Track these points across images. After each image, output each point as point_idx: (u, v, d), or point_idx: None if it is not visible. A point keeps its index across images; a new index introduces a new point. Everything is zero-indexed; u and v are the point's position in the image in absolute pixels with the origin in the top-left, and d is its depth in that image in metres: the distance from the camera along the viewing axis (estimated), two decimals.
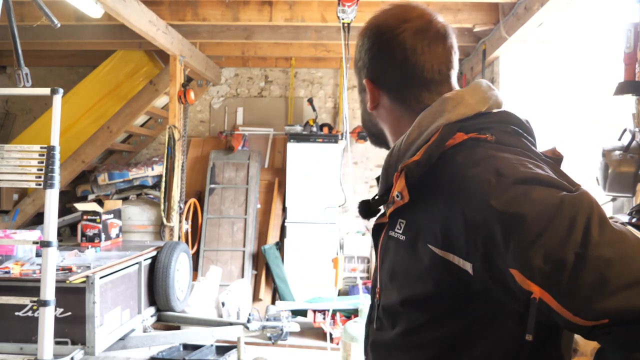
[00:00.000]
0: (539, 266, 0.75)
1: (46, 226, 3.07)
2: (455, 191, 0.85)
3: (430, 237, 0.87)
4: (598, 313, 0.72)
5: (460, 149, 0.90)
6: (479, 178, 0.83)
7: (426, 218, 0.89)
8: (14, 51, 2.61)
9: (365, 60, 1.06)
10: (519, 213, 0.78)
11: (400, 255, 0.94)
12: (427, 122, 0.94)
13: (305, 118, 6.63)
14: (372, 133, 1.15)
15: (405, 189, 0.90)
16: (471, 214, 0.82)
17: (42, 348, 2.99)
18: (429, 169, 0.90)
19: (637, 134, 2.77)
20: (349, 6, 3.35)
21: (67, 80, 6.65)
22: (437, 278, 0.87)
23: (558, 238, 0.76)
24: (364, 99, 1.10)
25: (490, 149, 0.88)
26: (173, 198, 5.30)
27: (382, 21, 1.04)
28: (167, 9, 4.77)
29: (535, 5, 3.72)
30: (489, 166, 0.84)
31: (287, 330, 4.33)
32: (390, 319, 0.98)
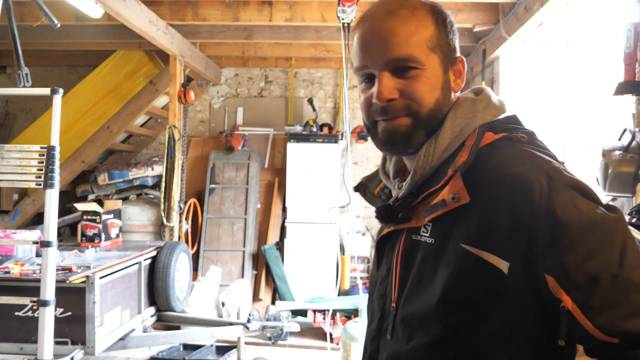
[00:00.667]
0: (575, 279, 0.79)
1: (46, 226, 3.07)
2: (501, 189, 0.84)
3: (463, 237, 0.86)
4: (617, 331, 0.77)
5: (495, 149, 0.90)
6: (529, 178, 0.83)
7: (459, 217, 0.87)
8: (14, 51, 2.61)
9: (454, 39, 0.99)
10: (568, 222, 0.80)
11: (431, 259, 0.91)
12: (460, 122, 0.94)
13: (305, 118, 6.63)
14: (435, 128, 0.96)
15: (463, 189, 0.87)
16: (519, 213, 0.82)
17: (42, 348, 2.99)
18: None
19: (637, 134, 2.77)
20: (349, 6, 3.35)
21: (67, 80, 6.65)
22: (468, 279, 0.86)
23: (598, 256, 0.79)
24: (447, 80, 0.97)
25: (529, 149, 0.89)
26: (173, 198, 5.30)
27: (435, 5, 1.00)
28: (167, 9, 4.77)
29: (535, 5, 3.72)
30: (538, 167, 0.85)
31: (287, 330, 4.33)
32: (410, 330, 0.93)
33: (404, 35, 0.92)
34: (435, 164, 0.93)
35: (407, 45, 0.92)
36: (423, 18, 0.94)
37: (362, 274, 6.27)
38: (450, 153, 0.92)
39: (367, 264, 6.35)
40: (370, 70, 0.95)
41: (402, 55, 0.92)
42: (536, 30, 4.28)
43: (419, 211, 0.94)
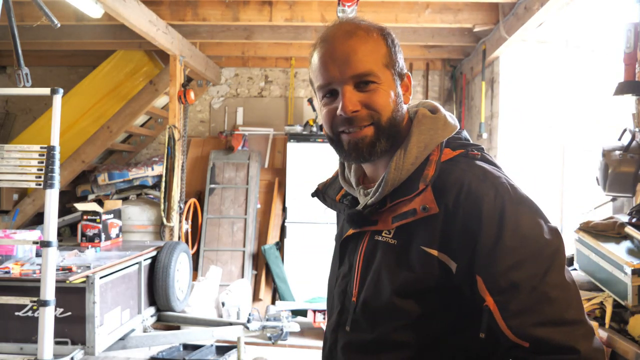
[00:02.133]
0: (499, 283, 0.92)
1: (46, 226, 3.07)
2: (457, 200, 0.97)
3: (423, 240, 0.99)
4: (527, 336, 0.90)
5: (453, 164, 1.03)
6: (480, 191, 0.96)
7: (421, 223, 0.99)
8: (14, 51, 2.62)
9: (400, 55, 1.10)
10: (506, 232, 0.93)
11: (391, 257, 1.02)
12: (424, 139, 1.05)
13: (305, 118, 6.63)
14: (398, 133, 1.08)
15: (433, 201, 0.98)
16: (469, 220, 0.95)
17: (42, 348, 2.99)
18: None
19: (637, 134, 2.77)
20: (349, 6, 3.35)
21: (67, 80, 6.65)
22: (427, 275, 0.98)
23: (524, 268, 0.92)
24: (398, 93, 1.08)
25: (482, 165, 1.03)
26: (173, 198, 5.30)
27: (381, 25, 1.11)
28: (167, 9, 4.77)
29: (535, 5, 3.72)
30: (488, 182, 0.98)
31: (287, 330, 4.34)
32: (372, 320, 1.04)
33: (364, 53, 1.03)
34: (404, 176, 1.04)
35: (367, 62, 1.03)
36: (377, 39, 1.06)
37: None
38: (417, 166, 1.04)
39: None
40: (334, 87, 1.05)
41: (363, 70, 1.03)
42: (536, 30, 4.28)
43: (385, 216, 1.05)
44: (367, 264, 1.06)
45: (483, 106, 5.17)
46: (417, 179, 1.02)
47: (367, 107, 1.04)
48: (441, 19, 4.69)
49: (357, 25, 1.06)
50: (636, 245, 2.28)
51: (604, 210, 3.24)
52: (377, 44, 1.05)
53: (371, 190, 1.09)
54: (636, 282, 2.12)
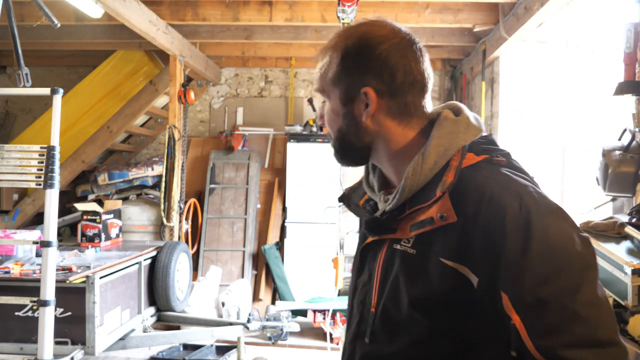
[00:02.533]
0: (527, 301, 0.85)
1: (46, 226, 3.07)
2: (478, 210, 0.90)
3: (442, 251, 0.93)
4: (556, 357, 0.84)
5: (476, 170, 0.96)
6: (503, 200, 0.89)
7: (440, 233, 0.93)
8: (14, 51, 2.62)
9: (362, 69, 1.05)
10: (532, 244, 0.86)
11: (409, 267, 0.97)
12: (444, 142, 0.98)
13: (305, 118, 6.63)
14: (353, 147, 1.07)
15: (451, 209, 0.93)
16: (491, 232, 0.88)
17: (42, 348, 2.99)
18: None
19: (637, 134, 2.77)
20: (349, 6, 3.35)
21: (67, 80, 6.65)
22: (446, 288, 0.92)
23: (553, 283, 0.85)
24: (350, 111, 1.05)
25: (507, 172, 0.96)
26: (173, 198, 5.30)
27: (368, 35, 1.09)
28: (167, 9, 4.77)
29: (535, 5, 3.72)
30: (512, 190, 0.91)
31: (287, 330, 4.34)
32: (391, 332, 0.99)
33: (319, 71, 1.09)
34: (422, 182, 0.98)
35: (321, 79, 1.08)
36: (333, 58, 1.06)
37: None
38: (436, 172, 0.98)
39: None
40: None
41: (319, 86, 1.09)
42: (536, 30, 4.28)
43: (404, 224, 1.00)
44: (385, 274, 1.02)
45: (483, 106, 5.17)
46: (436, 184, 0.96)
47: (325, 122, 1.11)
48: (441, 19, 4.69)
49: (331, 41, 1.09)
50: (636, 245, 2.28)
51: (604, 210, 3.24)
52: (331, 63, 1.06)
53: (391, 197, 1.05)
54: (636, 282, 2.12)
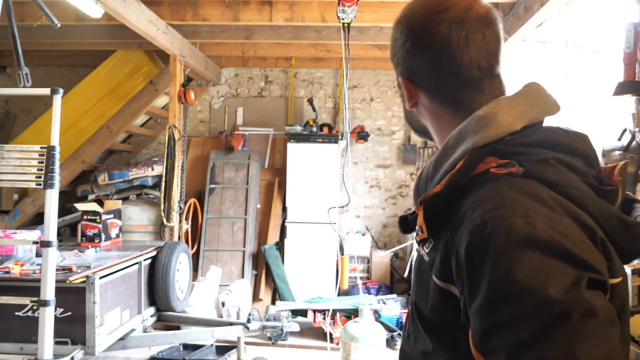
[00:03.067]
0: (481, 345, 0.71)
1: (46, 226, 3.07)
2: (457, 226, 0.78)
3: (435, 267, 0.83)
4: None
5: (477, 181, 0.81)
6: (471, 224, 0.74)
7: (437, 246, 0.84)
8: (14, 51, 2.61)
9: (400, 57, 0.96)
10: (484, 281, 0.70)
11: (422, 275, 0.89)
12: (453, 143, 0.85)
13: (305, 118, 6.63)
14: (416, 128, 1.07)
15: (423, 224, 0.83)
16: (458, 258, 0.76)
17: (42, 348, 2.99)
18: (451, 198, 0.81)
19: (637, 134, 2.77)
20: (349, 6, 3.35)
21: (67, 80, 6.65)
22: (440, 305, 0.83)
23: (508, 332, 0.67)
24: (403, 95, 1.00)
25: (506, 187, 0.77)
26: (173, 198, 5.30)
27: (414, 14, 0.93)
28: (167, 9, 4.77)
29: (535, 5, 3.72)
30: (483, 212, 0.74)
31: (287, 330, 4.34)
32: (415, 335, 0.93)
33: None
34: (430, 187, 0.87)
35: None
36: (392, 40, 1.01)
37: (362, 274, 6.27)
38: (442, 175, 0.85)
39: (367, 264, 6.35)
40: None
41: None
42: (536, 30, 4.28)
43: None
44: (413, 276, 0.97)
45: None
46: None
47: None
48: None
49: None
50: None
51: None
52: (391, 45, 1.00)
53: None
54: (636, 282, 2.12)
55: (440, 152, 0.87)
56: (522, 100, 0.86)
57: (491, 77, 0.91)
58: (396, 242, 6.63)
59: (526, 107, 0.85)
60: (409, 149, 6.70)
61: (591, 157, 0.85)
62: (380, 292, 5.91)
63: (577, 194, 0.78)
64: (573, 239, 0.70)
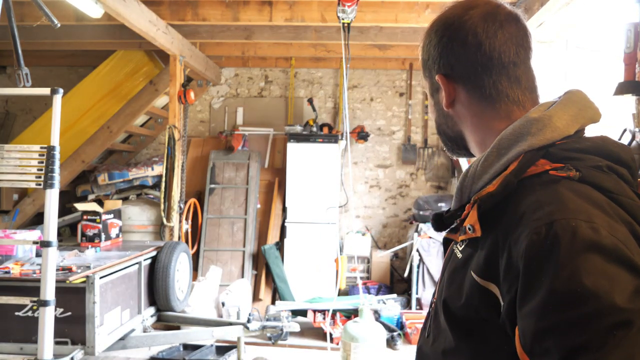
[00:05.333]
0: (533, 347, 0.71)
1: (46, 226, 3.07)
2: (510, 229, 0.78)
3: (475, 265, 0.83)
4: None
5: (532, 183, 0.81)
6: (532, 225, 0.74)
7: (477, 245, 0.84)
8: (14, 51, 2.61)
9: (435, 56, 0.98)
10: (546, 283, 0.70)
11: (455, 272, 0.89)
12: (507, 144, 0.85)
13: (305, 118, 6.63)
14: (449, 138, 1.03)
15: (477, 222, 0.83)
16: (513, 259, 0.75)
17: (42, 348, 2.99)
18: (503, 198, 0.82)
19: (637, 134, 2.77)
20: (349, 6, 3.35)
21: (67, 80, 6.65)
22: (475, 303, 0.82)
23: (565, 336, 0.68)
24: (437, 100, 1.01)
25: (567, 191, 0.77)
26: (173, 198, 5.30)
27: (448, 13, 0.98)
28: (167, 9, 4.77)
29: (535, 5, 3.72)
30: (547, 213, 0.74)
31: (287, 330, 4.33)
32: (436, 333, 0.93)
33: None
34: (478, 186, 0.87)
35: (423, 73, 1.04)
36: (424, 44, 1.02)
37: (361, 274, 6.26)
38: (492, 176, 0.86)
39: (367, 264, 6.35)
40: None
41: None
42: (536, 30, 4.28)
43: (462, 227, 0.91)
44: (443, 274, 0.96)
45: None
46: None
47: None
48: None
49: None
50: None
51: None
52: (423, 51, 1.02)
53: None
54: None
55: (491, 151, 0.87)
56: (573, 105, 0.87)
57: (526, 67, 0.95)
58: (396, 242, 6.63)
59: (577, 112, 0.86)
60: (409, 149, 6.70)
61: (633, 169, 0.85)
62: (380, 292, 5.91)
63: (630, 203, 0.79)
64: (630, 247, 0.72)
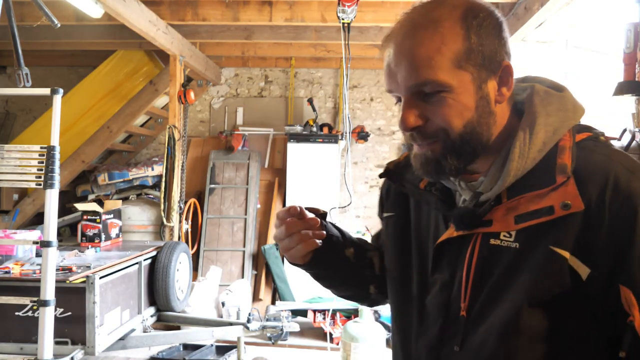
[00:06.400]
0: None
1: (46, 226, 3.07)
2: (605, 196, 0.80)
3: (555, 240, 0.82)
4: None
5: (591, 149, 0.86)
6: (634, 189, 0.79)
7: (553, 222, 0.82)
8: (14, 51, 2.61)
9: (494, 42, 0.90)
10: None
11: (516, 263, 0.85)
12: (553, 122, 0.87)
13: (305, 118, 6.63)
14: (481, 144, 0.89)
15: (578, 197, 0.81)
16: (617, 223, 0.79)
17: (42, 348, 2.99)
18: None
19: (637, 134, 2.77)
20: (349, 6, 3.35)
21: (67, 80, 6.64)
22: (549, 282, 0.82)
23: None
24: (485, 94, 0.88)
25: (627, 154, 0.86)
26: (173, 198, 5.30)
27: (481, 4, 0.94)
28: (167, 9, 4.77)
29: (535, 5, 3.72)
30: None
31: (287, 330, 4.33)
32: (492, 338, 0.87)
33: (426, 56, 0.84)
34: (529, 166, 0.86)
35: (429, 68, 0.84)
36: (449, 30, 0.85)
37: None
38: (544, 154, 0.86)
39: None
40: (396, 94, 0.91)
41: (422, 80, 0.84)
42: (536, 30, 4.28)
43: (501, 215, 0.87)
44: (482, 273, 0.88)
45: None
46: (547, 169, 0.84)
47: (431, 122, 0.87)
48: None
49: (427, 14, 0.87)
50: None
51: None
52: (447, 38, 0.84)
53: (477, 183, 0.92)
54: None
55: (537, 131, 0.87)
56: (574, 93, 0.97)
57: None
58: None
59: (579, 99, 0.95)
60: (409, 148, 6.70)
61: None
62: None
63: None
64: None
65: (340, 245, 1.08)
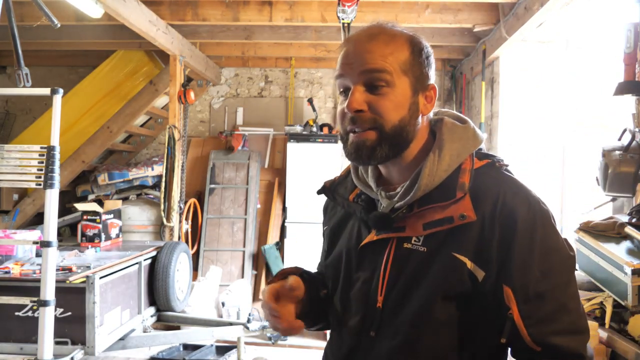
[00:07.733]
0: (528, 294, 0.97)
1: (46, 226, 3.07)
2: (496, 211, 0.99)
3: (456, 247, 1.00)
4: (544, 342, 0.97)
5: (486, 173, 1.05)
6: (516, 205, 0.99)
7: (453, 231, 1.01)
8: (14, 51, 2.61)
9: (426, 64, 1.08)
10: (537, 246, 0.98)
11: (422, 264, 1.03)
12: (457, 147, 1.06)
13: (305, 118, 6.63)
14: (405, 141, 1.06)
15: (472, 210, 1.00)
16: (505, 233, 0.98)
17: (42, 348, 2.99)
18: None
19: (637, 134, 2.77)
20: (349, 6, 3.35)
21: (67, 80, 6.64)
22: (454, 281, 1.00)
23: (550, 279, 0.98)
24: (415, 101, 1.06)
25: (513, 177, 1.07)
26: (173, 198, 5.30)
27: (415, 37, 1.10)
28: (167, 9, 4.77)
29: (535, 5, 3.72)
30: (523, 196, 1.02)
31: None
32: (399, 326, 1.05)
33: (381, 53, 1.02)
34: (436, 182, 1.04)
35: (381, 61, 1.01)
36: (400, 44, 1.04)
37: None
38: (449, 174, 1.04)
39: None
40: (346, 82, 1.04)
41: (374, 66, 1.01)
42: (536, 30, 4.28)
43: (412, 222, 1.05)
44: (396, 272, 1.05)
45: (483, 106, 5.17)
46: (450, 186, 1.03)
47: (372, 110, 1.02)
48: (441, 19, 4.69)
49: (383, 29, 1.06)
50: (636, 246, 2.28)
51: (604, 210, 3.24)
52: (399, 48, 1.04)
53: (394, 194, 1.09)
54: (636, 282, 2.12)
55: (444, 155, 1.06)
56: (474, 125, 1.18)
57: None
58: None
59: (478, 129, 1.15)
60: None
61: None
62: None
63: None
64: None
65: (315, 291, 1.23)
